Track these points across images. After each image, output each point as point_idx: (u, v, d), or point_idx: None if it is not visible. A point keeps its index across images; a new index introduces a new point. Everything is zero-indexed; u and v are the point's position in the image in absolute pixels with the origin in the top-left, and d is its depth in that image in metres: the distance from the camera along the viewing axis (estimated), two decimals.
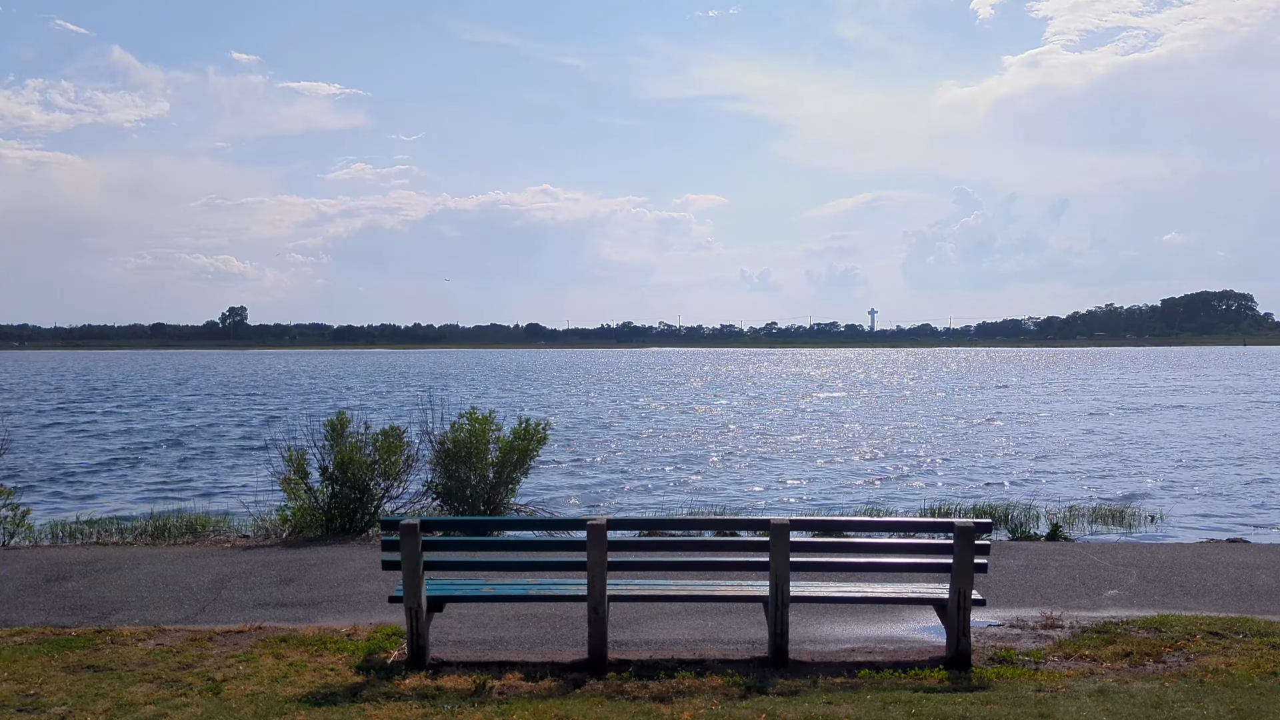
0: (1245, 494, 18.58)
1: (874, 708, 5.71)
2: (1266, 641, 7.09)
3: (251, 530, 12.51)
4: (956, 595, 6.66)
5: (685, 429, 33.50)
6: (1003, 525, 13.05)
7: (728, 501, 17.82)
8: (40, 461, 24.22)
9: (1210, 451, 25.44)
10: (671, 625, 7.69)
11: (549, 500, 17.39)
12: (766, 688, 6.13)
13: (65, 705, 5.83)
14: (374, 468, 12.05)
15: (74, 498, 18.71)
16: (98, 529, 13.02)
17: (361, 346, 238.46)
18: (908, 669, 6.57)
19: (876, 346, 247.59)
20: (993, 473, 21.80)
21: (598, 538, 6.53)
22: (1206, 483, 19.94)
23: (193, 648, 7.07)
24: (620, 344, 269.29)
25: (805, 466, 23.29)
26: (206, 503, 17.28)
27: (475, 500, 12.41)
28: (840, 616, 7.89)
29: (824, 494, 19.11)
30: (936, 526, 7.52)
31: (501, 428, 12.79)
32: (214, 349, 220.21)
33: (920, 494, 18.48)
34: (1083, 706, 5.72)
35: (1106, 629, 7.46)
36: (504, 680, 6.30)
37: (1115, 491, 18.59)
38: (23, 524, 12.06)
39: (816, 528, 9.21)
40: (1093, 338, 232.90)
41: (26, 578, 9.42)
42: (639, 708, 5.76)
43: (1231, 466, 22.47)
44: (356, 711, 5.71)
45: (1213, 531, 13.98)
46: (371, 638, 7.30)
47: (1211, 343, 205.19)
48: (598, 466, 23.27)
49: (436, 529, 7.90)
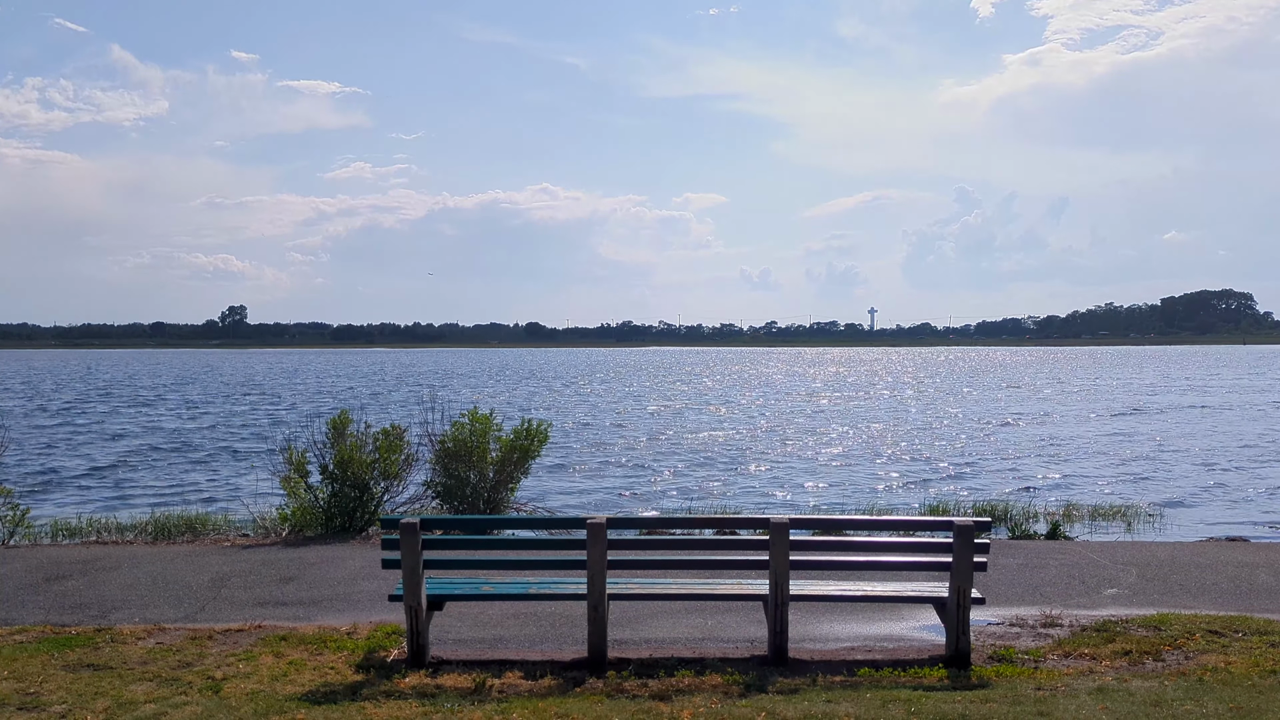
0: (1245, 493, 18.58)
1: (873, 706, 5.72)
2: (1266, 640, 7.10)
3: (251, 529, 12.52)
4: (956, 594, 6.66)
5: (685, 428, 33.50)
6: (1002, 524, 13.05)
7: (727, 500, 17.81)
8: (40, 461, 24.22)
9: (1211, 451, 25.44)
10: (671, 624, 7.70)
11: (549, 499, 17.40)
12: (766, 686, 6.14)
13: (65, 704, 5.84)
14: (374, 467, 12.06)
15: (74, 497, 18.70)
16: (97, 528, 13.03)
17: (361, 345, 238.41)
18: (907, 667, 6.58)
19: (876, 346, 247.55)
20: (993, 472, 21.79)
21: (597, 536, 6.54)
22: (1207, 482, 19.93)
23: (192, 646, 7.08)
24: (620, 343, 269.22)
25: (805, 466, 23.29)
26: (207, 502, 17.27)
27: (475, 499, 12.43)
28: (840, 615, 7.90)
29: (824, 493, 19.11)
30: (936, 525, 7.53)
31: (502, 427, 12.80)
32: (214, 348, 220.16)
33: (920, 493, 18.48)
34: (1082, 705, 5.72)
35: (1106, 627, 7.47)
36: (504, 679, 6.31)
37: (1115, 490, 18.58)
38: (23, 523, 12.08)
39: (816, 526, 9.21)
40: (1096, 336, 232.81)
41: (26, 576, 9.43)
42: (639, 706, 5.77)
43: (1231, 466, 22.46)
44: (356, 710, 5.72)
45: (1212, 530, 13.98)
46: (371, 636, 7.31)
47: (1211, 342, 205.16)
48: (598, 465, 23.27)
49: (436, 528, 7.91)
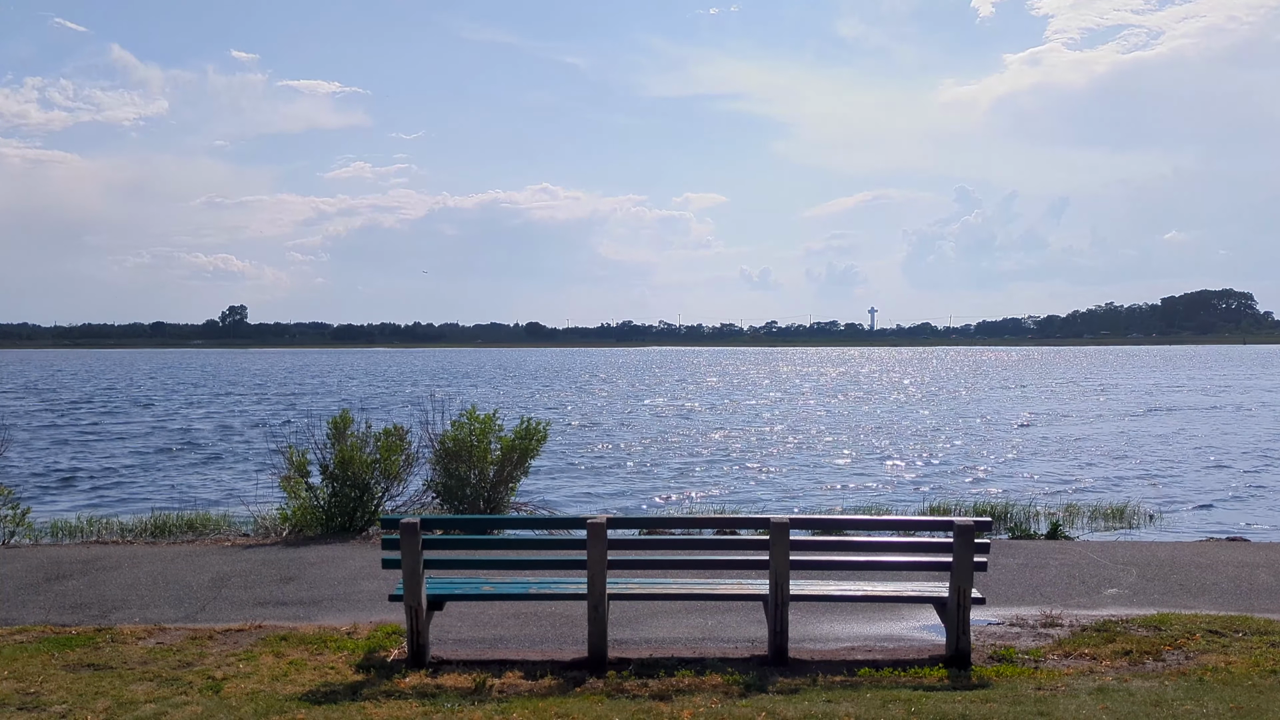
0: (1246, 492, 18.58)
1: (874, 706, 5.71)
2: (1266, 640, 7.10)
3: (251, 529, 12.51)
4: (956, 594, 6.66)
5: (685, 428, 33.50)
6: (1002, 524, 13.04)
7: (728, 500, 17.82)
8: (41, 460, 24.23)
9: (1211, 450, 25.43)
10: (671, 624, 7.70)
11: (549, 499, 17.40)
12: (766, 686, 6.14)
13: (65, 704, 5.83)
14: (374, 466, 12.05)
15: (74, 496, 18.71)
16: (98, 527, 13.03)
17: (361, 345, 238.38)
18: (907, 667, 6.58)
19: (876, 345, 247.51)
20: (994, 471, 21.80)
21: (598, 536, 6.54)
22: (1207, 481, 19.93)
23: (193, 646, 7.07)
24: (620, 343, 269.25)
25: (805, 465, 23.28)
26: (207, 502, 17.27)
27: (475, 499, 12.42)
28: (840, 615, 7.90)
29: (824, 492, 19.11)
30: (936, 525, 7.54)
31: (503, 427, 12.80)
32: (214, 348, 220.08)
33: (921, 493, 18.48)
34: (1082, 705, 5.72)
35: (1106, 627, 7.47)
36: (504, 679, 6.31)
37: (1115, 490, 18.58)
38: (23, 522, 12.07)
39: (816, 526, 9.22)
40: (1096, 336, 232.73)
41: (27, 576, 9.43)
42: (639, 706, 5.76)
43: (1231, 465, 22.46)
44: (357, 710, 5.71)
45: (1213, 530, 13.98)
46: (371, 636, 7.31)
47: (1212, 342, 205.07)
48: (598, 465, 23.27)
49: (437, 527, 7.91)
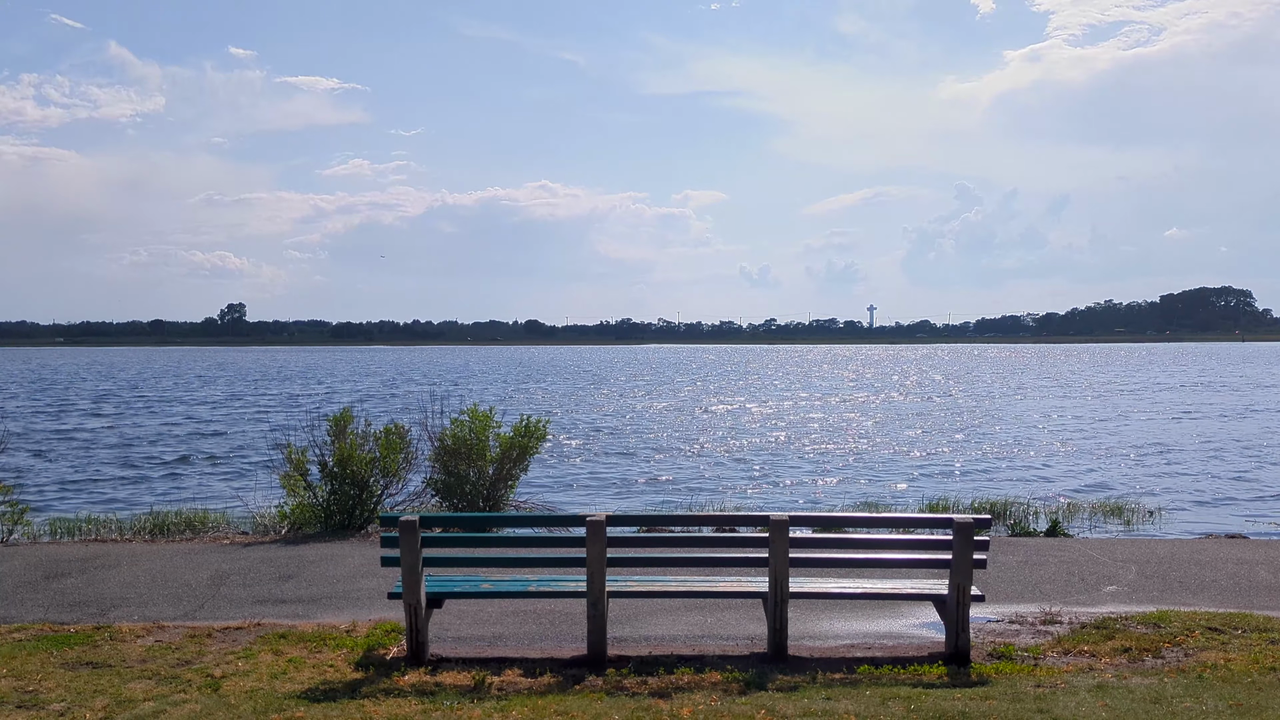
0: (1245, 490, 18.58)
1: (873, 703, 5.71)
2: (1265, 637, 7.10)
3: (250, 527, 12.51)
4: (955, 591, 6.66)
5: (685, 427, 33.49)
6: (1002, 521, 13.05)
7: (727, 498, 17.81)
8: (40, 459, 24.21)
9: (1211, 449, 25.43)
10: (671, 621, 7.70)
11: (549, 497, 17.39)
12: (766, 683, 6.14)
13: (64, 702, 5.83)
14: (374, 465, 12.05)
15: (74, 494, 18.69)
16: (97, 525, 13.01)
17: (360, 343, 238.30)
18: (907, 664, 6.58)
19: (875, 343, 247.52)
20: (993, 469, 21.80)
21: (597, 534, 6.54)
22: (1206, 479, 19.93)
23: (191, 644, 7.07)
24: (619, 341, 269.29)
25: (805, 464, 23.29)
26: (206, 499, 17.26)
27: (475, 497, 12.42)
28: (839, 612, 7.90)
29: (824, 490, 19.11)
30: (935, 522, 7.55)
31: (502, 425, 12.79)
32: (212, 346, 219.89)
33: (920, 490, 18.47)
34: (1082, 702, 5.72)
35: (1105, 625, 7.47)
36: (503, 676, 6.31)
37: (1115, 488, 18.58)
38: (22, 520, 12.08)
39: (816, 524, 9.22)
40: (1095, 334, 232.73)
41: (25, 574, 9.42)
42: (638, 704, 5.76)
43: (1231, 464, 22.46)
44: (356, 708, 5.71)
45: (1212, 527, 13.99)
46: (371, 634, 7.31)
47: (1210, 339, 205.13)
48: (597, 464, 23.27)
49: (436, 525, 7.91)
